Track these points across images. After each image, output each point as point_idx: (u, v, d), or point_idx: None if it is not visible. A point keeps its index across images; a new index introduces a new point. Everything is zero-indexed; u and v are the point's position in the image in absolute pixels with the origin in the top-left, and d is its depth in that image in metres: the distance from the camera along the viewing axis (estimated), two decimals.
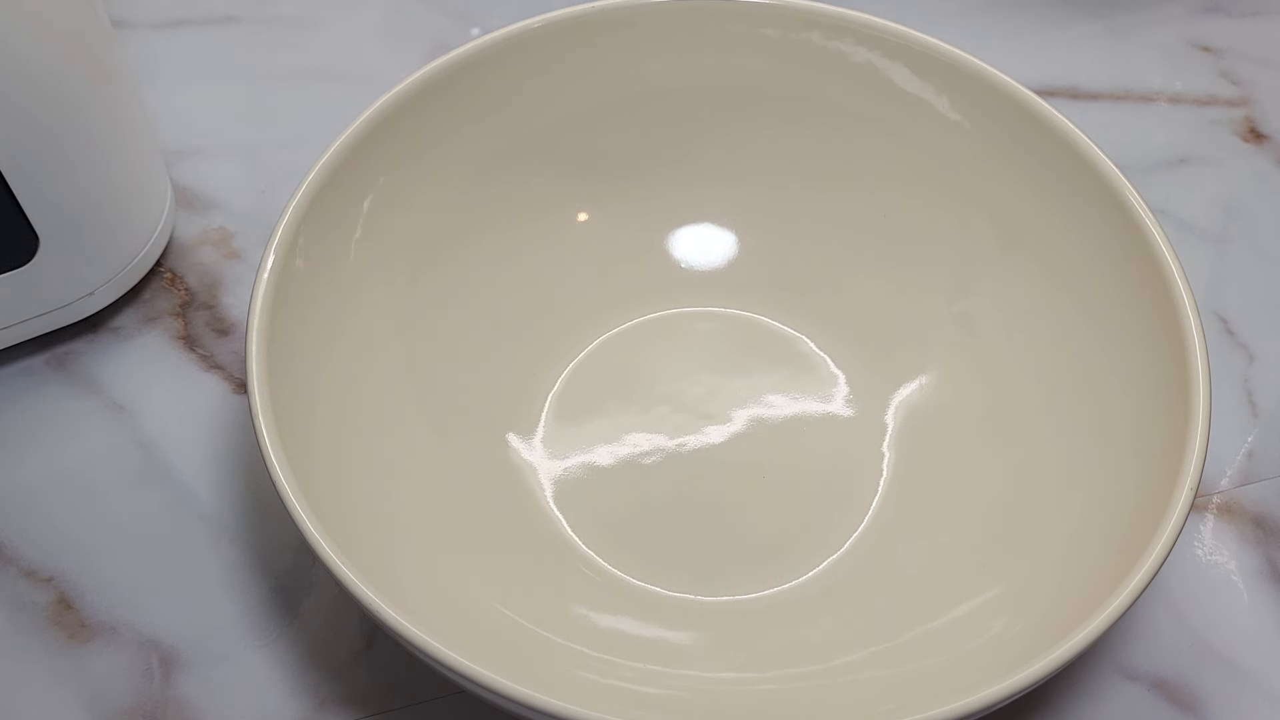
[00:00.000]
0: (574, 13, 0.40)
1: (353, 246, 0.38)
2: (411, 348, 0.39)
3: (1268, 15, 0.54)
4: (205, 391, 0.42)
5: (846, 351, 0.42)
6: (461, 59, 0.39)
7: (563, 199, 0.43)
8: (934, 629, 0.35)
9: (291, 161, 0.38)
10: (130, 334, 0.43)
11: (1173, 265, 0.36)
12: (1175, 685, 0.37)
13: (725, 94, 0.42)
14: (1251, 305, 0.46)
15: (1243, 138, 0.50)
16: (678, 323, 0.43)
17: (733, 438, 0.41)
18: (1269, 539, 0.40)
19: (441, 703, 0.36)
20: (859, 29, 0.40)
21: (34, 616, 0.37)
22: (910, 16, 0.41)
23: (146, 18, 0.52)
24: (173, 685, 0.36)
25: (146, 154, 0.42)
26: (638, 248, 0.44)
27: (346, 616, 0.38)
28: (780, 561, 0.38)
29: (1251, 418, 0.43)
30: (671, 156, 0.43)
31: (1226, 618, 0.39)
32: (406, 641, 0.30)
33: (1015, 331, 0.40)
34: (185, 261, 0.45)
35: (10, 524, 0.39)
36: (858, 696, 0.34)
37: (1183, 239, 0.46)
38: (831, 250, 0.43)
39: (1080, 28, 0.54)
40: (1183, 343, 0.34)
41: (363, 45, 0.52)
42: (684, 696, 0.35)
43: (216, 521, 0.39)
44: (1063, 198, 0.39)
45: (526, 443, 0.40)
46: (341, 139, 0.37)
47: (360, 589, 0.30)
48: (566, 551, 0.38)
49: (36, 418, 0.41)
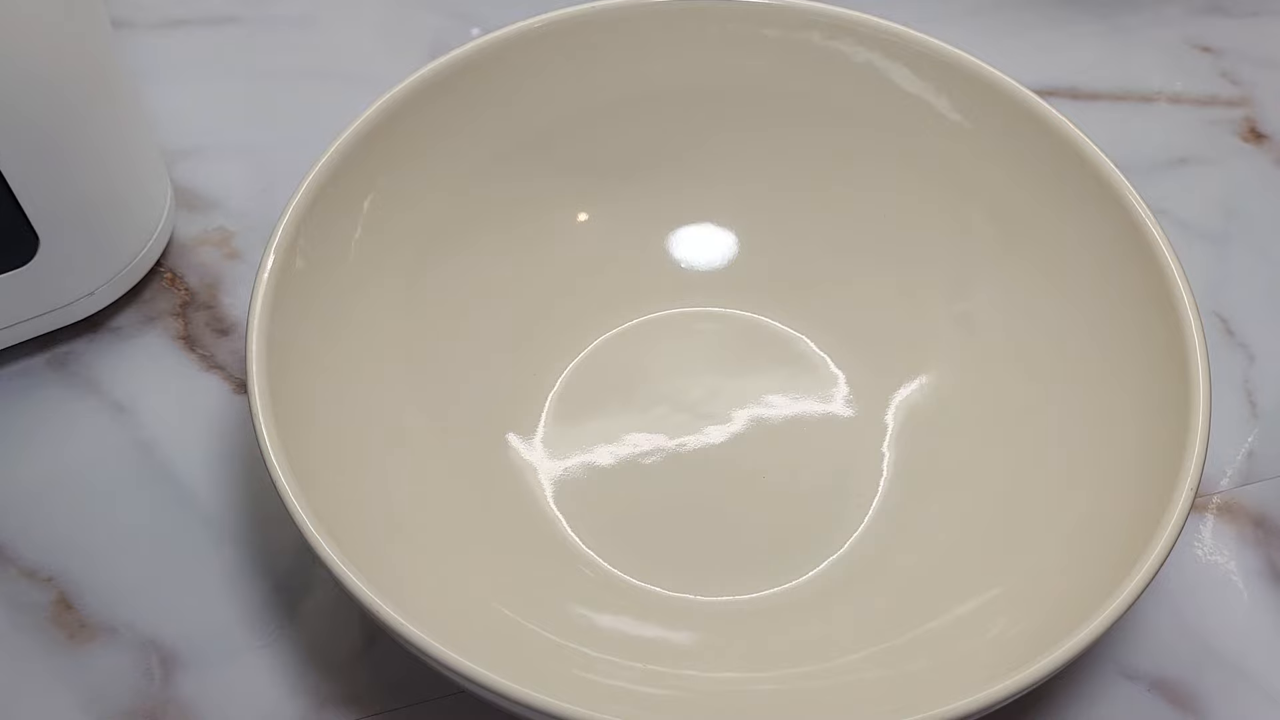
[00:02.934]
0: (574, 13, 0.40)
1: (353, 246, 0.38)
2: (411, 348, 0.39)
3: (1268, 15, 0.54)
4: (205, 391, 0.42)
5: (846, 351, 0.42)
6: (461, 59, 0.39)
7: (563, 199, 0.43)
8: (934, 629, 0.35)
9: (291, 161, 0.38)
10: (130, 334, 0.43)
11: (1173, 265, 0.36)
12: (1175, 685, 0.37)
13: (725, 94, 0.42)
14: (1251, 305, 0.46)
15: (1243, 138, 0.50)
16: (678, 323, 0.43)
17: (733, 438, 0.41)
18: (1269, 539, 0.40)
19: (441, 703, 0.36)
20: (859, 29, 0.40)
21: (34, 616, 0.37)
22: (910, 16, 0.41)
23: (146, 18, 0.52)
24: (173, 685, 0.36)
25: (146, 154, 0.42)
26: (638, 248, 0.44)
27: (346, 616, 0.38)
28: (780, 561, 0.38)
29: (1251, 418, 0.43)
30: (671, 156, 0.43)
31: (1226, 618, 0.39)
32: (406, 641, 0.30)
33: (1015, 331, 0.40)
34: (185, 261, 0.45)
35: (10, 524, 0.39)
36: (858, 696, 0.34)
37: (1183, 239, 0.46)
38: (831, 250, 0.43)
39: (1080, 28, 0.54)
40: (1183, 343, 0.34)
41: (363, 45, 0.52)
42: (684, 696, 0.35)
43: (216, 521, 0.39)
44: (1063, 198, 0.39)
45: (526, 443, 0.40)
46: (341, 139, 0.37)
47: (360, 589, 0.30)
48: (566, 551, 0.38)
49: (36, 418, 0.41)
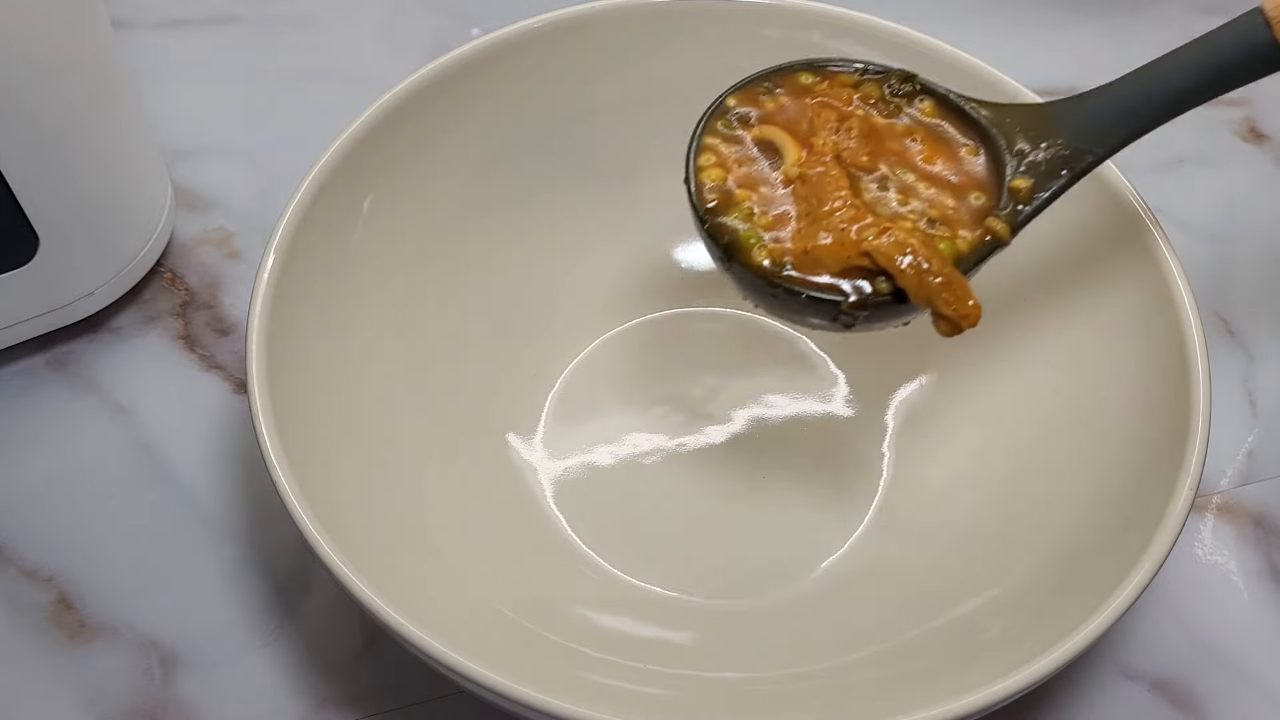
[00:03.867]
0: (574, 13, 0.40)
1: (353, 246, 0.38)
2: (411, 347, 0.39)
3: None
4: (205, 391, 0.42)
5: (846, 351, 0.42)
6: (461, 59, 0.39)
7: (563, 199, 0.43)
8: (934, 629, 0.35)
9: (291, 161, 0.38)
10: (130, 334, 0.43)
11: (1173, 265, 0.36)
12: (1175, 685, 0.37)
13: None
14: (1252, 305, 0.46)
15: (1243, 138, 0.50)
16: (678, 323, 0.43)
17: (733, 438, 0.41)
18: (1269, 539, 0.40)
19: (441, 703, 0.36)
20: (859, 29, 0.40)
21: (34, 616, 0.37)
22: (910, 16, 0.41)
23: (146, 18, 0.52)
24: (173, 685, 0.36)
25: (146, 154, 0.42)
26: (638, 248, 0.44)
27: (346, 616, 0.38)
28: (780, 562, 0.38)
29: (1251, 418, 0.43)
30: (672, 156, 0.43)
31: (1226, 618, 0.39)
32: (406, 641, 0.30)
33: (1015, 331, 0.40)
34: (185, 261, 0.45)
35: (10, 524, 0.39)
36: (858, 696, 0.34)
37: (1183, 239, 0.46)
38: None
39: (1081, 28, 0.54)
40: (1183, 343, 0.34)
41: (362, 45, 0.52)
42: (684, 696, 0.35)
43: (217, 521, 0.39)
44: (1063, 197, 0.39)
45: (526, 443, 0.40)
46: (341, 139, 0.37)
47: (360, 589, 0.30)
48: (566, 551, 0.38)
49: (36, 418, 0.41)
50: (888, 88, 0.34)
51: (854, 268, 0.31)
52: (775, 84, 0.35)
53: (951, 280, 0.31)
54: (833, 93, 0.34)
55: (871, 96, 0.34)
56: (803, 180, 0.33)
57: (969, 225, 0.33)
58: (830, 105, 0.34)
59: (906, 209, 0.32)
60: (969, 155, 0.34)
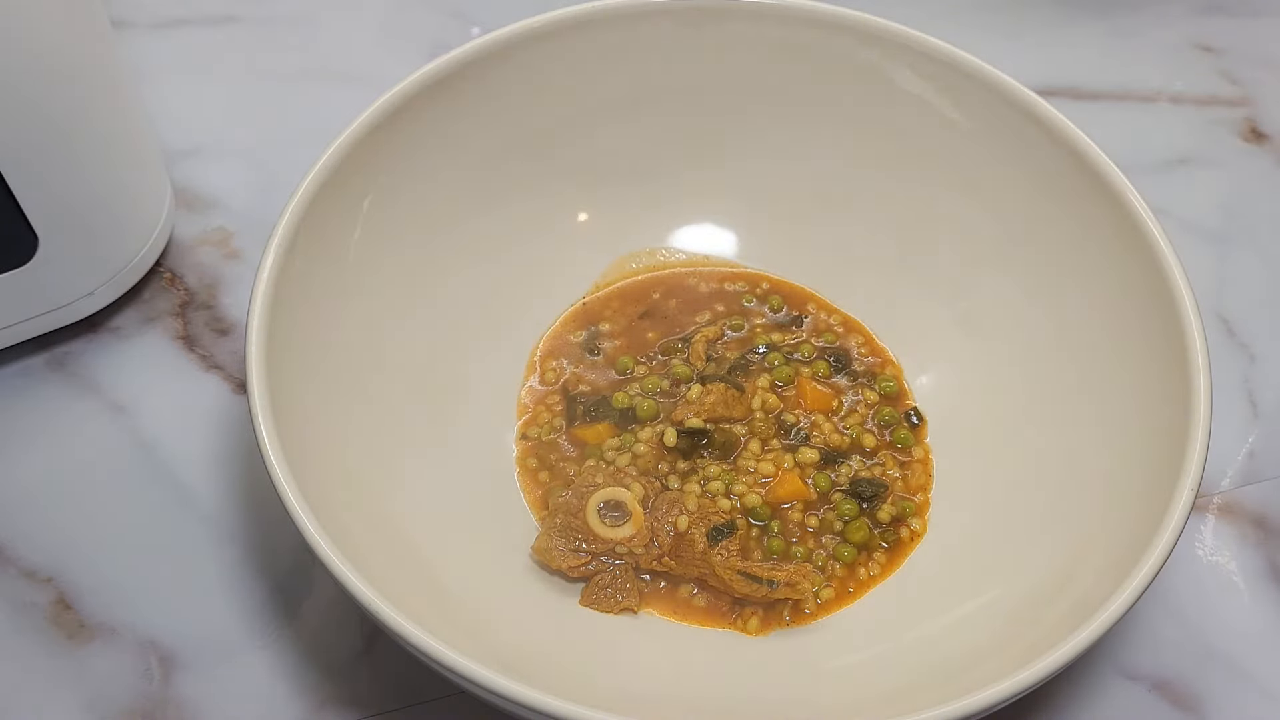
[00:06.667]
0: (574, 13, 0.40)
1: (353, 246, 0.38)
2: (411, 347, 0.39)
3: (1268, 15, 0.54)
4: (205, 391, 0.42)
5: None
6: (461, 59, 0.39)
7: (562, 199, 0.43)
8: (934, 629, 0.35)
9: (291, 161, 0.38)
10: (130, 334, 0.43)
11: (1173, 265, 0.36)
12: (1176, 685, 0.37)
13: (725, 94, 0.42)
14: (1252, 305, 0.46)
15: (1243, 138, 0.50)
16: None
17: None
18: (1269, 539, 0.40)
19: (441, 703, 0.36)
20: (859, 29, 0.40)
21: (34, 616, 0.37)
22: (910, 16, 0.41)
23: (146, 18, 0.52)
24: (173, 685, 0.36)
25: (146, 154, 0.42)
26: (638, 247, 0.44)
27: (346, 616, 0.37)
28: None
29: (1252, 418, 0.43)
30: (671, 156, 0.43)
31: (1227, 618, 0.39)
32: (406, 642, 0.30)
33: (1015, 332, 0.40)
34: (185, 261, 0.45)
35: (10, 524, 0.39)
36: (858, 696, 0.34)
37: (1183, 239, 0.46)
38: (832, 249, 0.43)
39: (1081, 28, 0.54)
40: (1184, 343, 0.34)
41: (362, 45, 0.52)
42: (684, 697, 0.35)
43: (216, 522, 0.39)
44: (1063, 197, 0.39)
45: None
46: (341, 139, 0.37)
47: (360, 589, 0.30)
48: None
49: (36, 418, 0.41)
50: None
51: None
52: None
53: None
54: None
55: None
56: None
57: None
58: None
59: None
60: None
